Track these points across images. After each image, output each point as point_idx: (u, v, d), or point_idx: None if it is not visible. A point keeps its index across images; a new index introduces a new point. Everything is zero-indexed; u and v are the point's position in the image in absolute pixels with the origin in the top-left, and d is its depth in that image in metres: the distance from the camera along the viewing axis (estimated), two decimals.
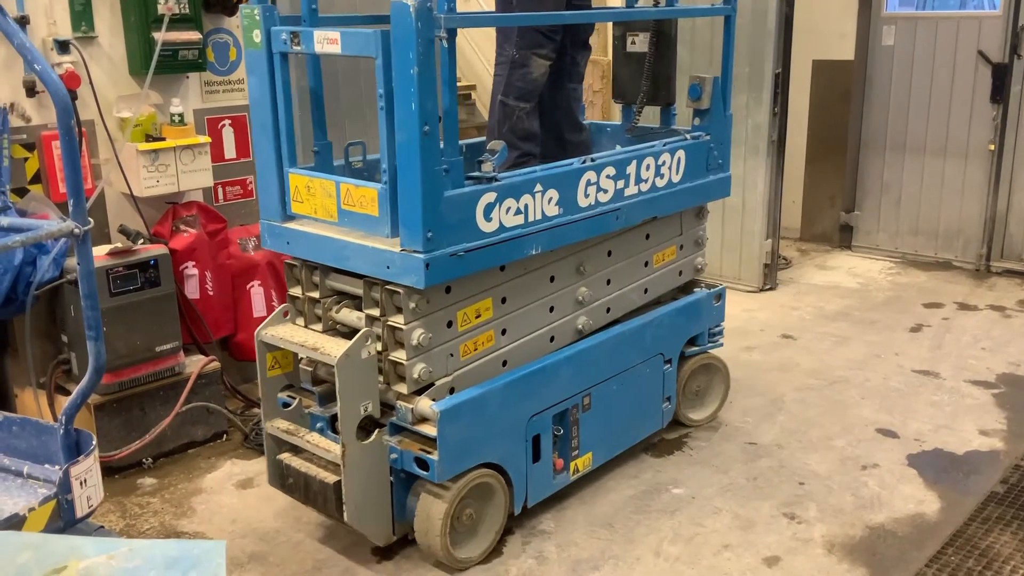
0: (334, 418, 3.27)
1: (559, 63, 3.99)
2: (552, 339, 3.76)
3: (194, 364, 4.27)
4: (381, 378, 3.30)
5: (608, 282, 3.96)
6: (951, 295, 6.33)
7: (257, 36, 3.27)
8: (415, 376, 3.24)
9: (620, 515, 3.73)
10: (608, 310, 3.99)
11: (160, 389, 4.16)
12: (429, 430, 3.22)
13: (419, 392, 3.30)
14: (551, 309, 3.73)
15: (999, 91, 6.57)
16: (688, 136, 4.09)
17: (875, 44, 7.10)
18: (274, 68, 3.31)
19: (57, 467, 2.58)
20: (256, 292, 4.65)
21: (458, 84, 9.58)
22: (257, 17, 3.25)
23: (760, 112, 6.19)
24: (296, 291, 3.50)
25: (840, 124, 7.29)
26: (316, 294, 3.44)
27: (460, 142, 3.25)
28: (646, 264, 4.13)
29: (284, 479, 3.49)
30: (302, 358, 3.48)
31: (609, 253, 3.93)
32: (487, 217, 3.25)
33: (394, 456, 3.32)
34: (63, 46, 4.01)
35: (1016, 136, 6.59)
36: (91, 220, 2.54)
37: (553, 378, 3.64)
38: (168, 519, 3.78)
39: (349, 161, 3.66)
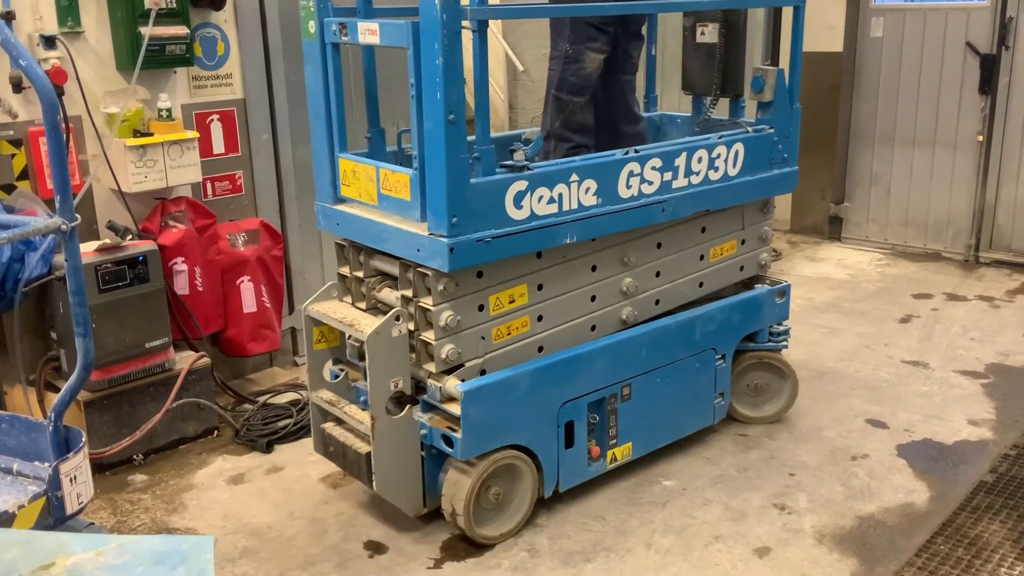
0: None
1: (612, 55, 4.00)
2: (593, 328, 3.77)
3: (184, 360, 4.26)
4: (414, 356, 3.41)
5: (657, 274, 3.93)
6: (940, 286, 6.36)
7: (312, 27, 3.42)
8: (443, 356, 3.34)
9: (612, 507, 3.74)
10: (657, 302, 3.96)
11: (150, 385, 4.15)
12: (455, 409, 3.32)
13: (449, 372, 3.39)
14: (592, 298, 3.74)
15: (987, 82, 6.59)
16: (750, 129, 4.03)
17: (864, 36, 7.12)
18: (327, 58, 3.44)
19: (47, 464, 2.57)
20: (246, 288, 4.63)
21: None
22: (312, 8, 3.39)
23: (750, 104, 6.18)
24: (345, 270, 3.66)
25: (829, 116, 7.30)
26: (361, 273, 3.59)
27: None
28: (701, 258, 4.08)
29: (327, 447, 3.69)
30: (349, 334, 3.58)
31: (659, 245, 3.90)
32: (517, 205, 3.30)
33: (424, 432, 3.44)
34: (49, 42, 3.98)
35: (1004, 127, 6.61)
36: (78, 216, 2.53)
37: (587, 366, 3.65)
38: (159, 515, 3.77)
39: (402, 147, 3.72)
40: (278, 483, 3.99)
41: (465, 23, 3.02)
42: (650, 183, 3.66)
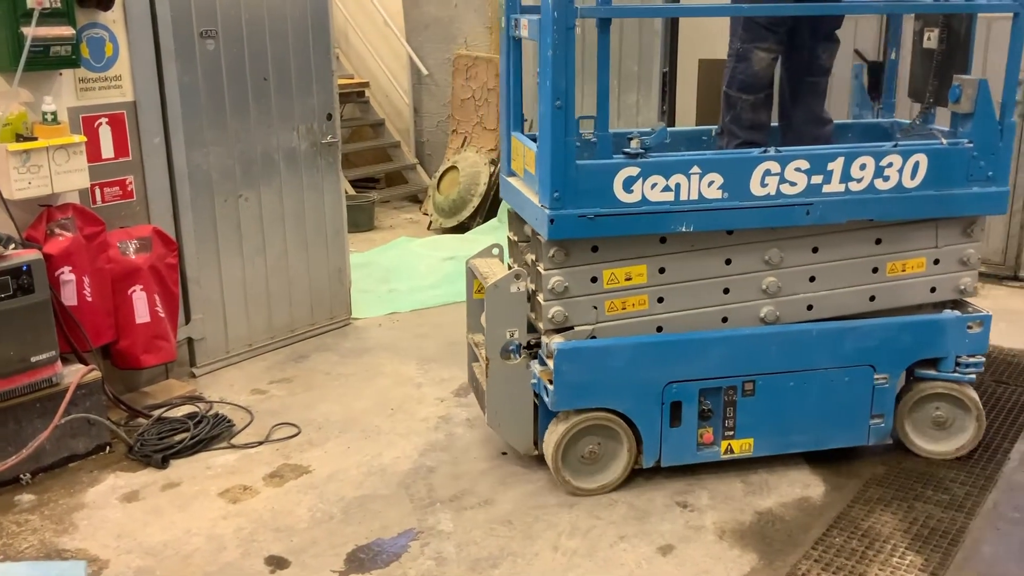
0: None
1: (796, 56, 4.04)
2: (725, 319, 3.84)
3: (73, 374, 4.09)
4: (533, 314, 3.79)
5: (812, 279, 3.87)
6: None
7: (502, 22, 3.92)
8: (549, 316, 3.67)
9: (519, 511, 3.74)
10: (810, 307, 3.89)
11: (37, 401, 3.97)
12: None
13: (560, 331, 3.70)
14: (726, 291, 3.81)
15: (875, 87, 6.80)
16: (944, 141, 3.82)
17: None
18: (509, 49, 3.89)
19: None
20: (138, 297, 4.47)
21: (351, 81, 9.54)
22: (502, 4, 3.90)
23: (649, 110, 6.31)
24: (509, 234, 4.15)
25: None
26: (516, 237, 4.05)
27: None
28: (875, 271, 3.92)
29: (472, 380, 4.28)
30: None
31: (815, 249, 3.84)
32: (627, 189, 3.54)
33: (533, 381, 3.80)
34: None
35: None
36: None
37: (699, 353, 3.75)
38: (48, 536, 3.60)
39: (579, 132, 3.83)
40: (174, 499, 3.87)
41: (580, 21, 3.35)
42: (792, 184, 3.66)
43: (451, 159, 8.72)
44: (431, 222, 8.56)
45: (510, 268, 3.88)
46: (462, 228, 8.23)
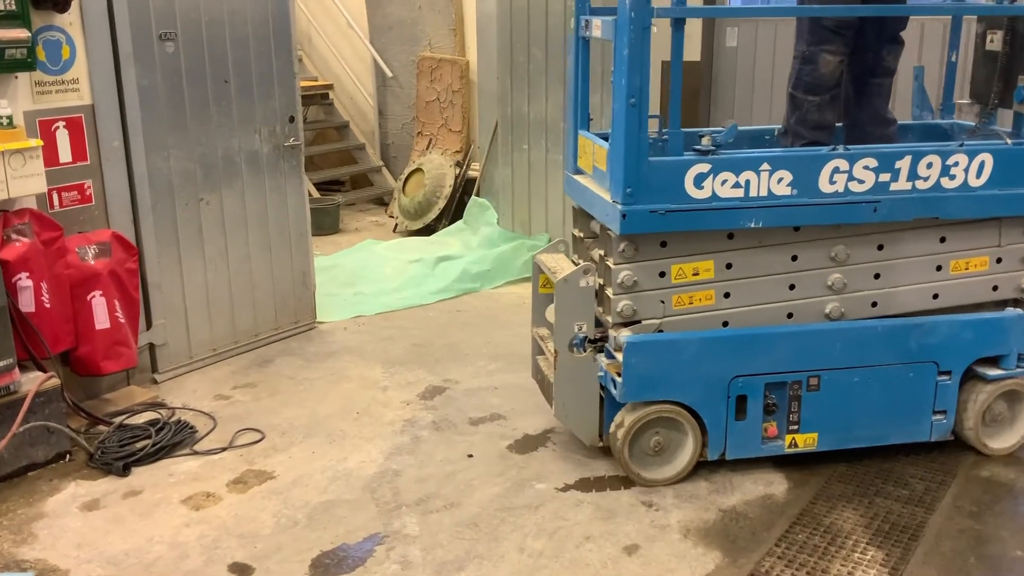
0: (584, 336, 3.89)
1: (860, 58, 4.05)
2: (790, 315, 3.89)
3: (31, 382, 4.03)
4: (601, 309, 3.88)
5: (876, 276, 3.91)
6: None
7: (572, 23, 4.02)
8: (618, 310, 3.75)
9: (485, 514, 3.74)
10: (874, 304, 3.94)
11: None
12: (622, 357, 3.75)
13: (627, 325, 3.78)
14: (791, 287, 3.86)
15: None
16: (1009, 140, 3.87)
17: (720, 45, 7.37)
18: (578, 49, 4.00)
19: None
20: (98, 303, 4.41)
21: (315, 83, 9.47)
22: (572, 6, 3.99)
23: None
24: (574, 230, 4.22)
25: (690, 122, 7.52)
26: (582, 234, 4.12)
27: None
28: (938, 269, 3.97)
29: (536, 374, 4.37)
30: None
31: (880, 247, 3.89)
32: (698, 185, 3.61)
33: (601, 374, 3.87)
34: None
35: None
36: None
37: (765, 348, 3.80)
38: (6, 547, 3.55)
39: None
40: (136, 507, 3.82)
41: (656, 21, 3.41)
42: (860, 182, 3.70)
43: (416, 161, 8.71)
44: (397, 224, 8.53)
45: (575, 264, 3.93)
46: (428, 230, 8.21)
